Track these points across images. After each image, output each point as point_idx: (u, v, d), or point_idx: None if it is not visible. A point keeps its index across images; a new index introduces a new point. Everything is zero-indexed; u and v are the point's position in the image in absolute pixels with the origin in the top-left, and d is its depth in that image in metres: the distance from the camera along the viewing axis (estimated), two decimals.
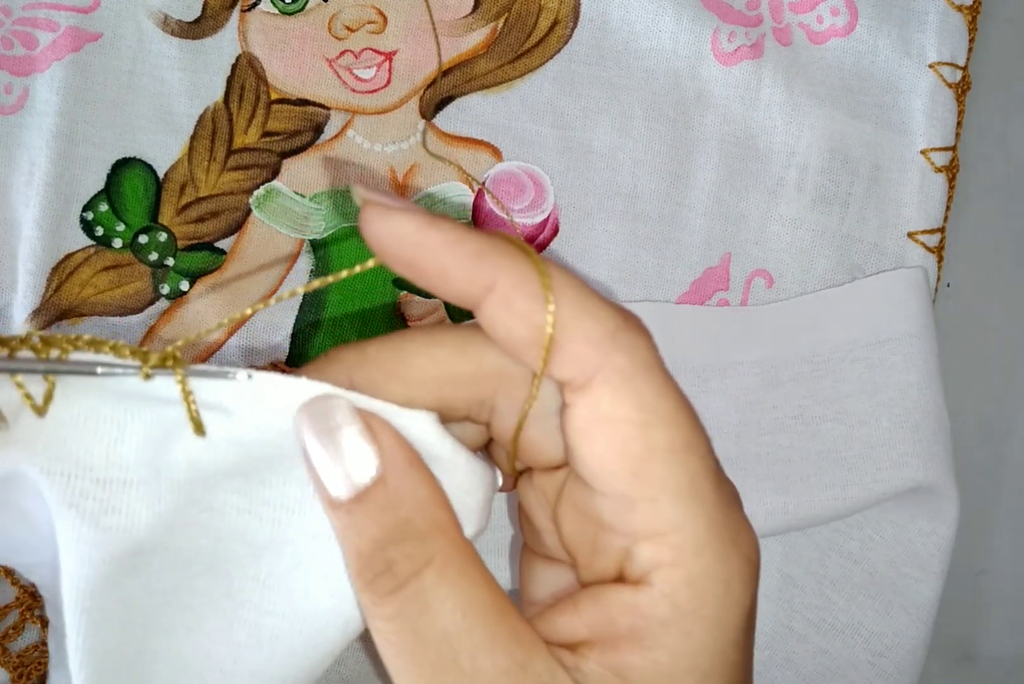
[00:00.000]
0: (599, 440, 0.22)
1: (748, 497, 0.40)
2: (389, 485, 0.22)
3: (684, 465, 0.22)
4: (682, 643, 0.21)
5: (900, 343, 0.42)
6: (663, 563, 0.22)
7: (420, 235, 0.22)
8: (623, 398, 0.21)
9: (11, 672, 0.40)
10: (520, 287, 0.22)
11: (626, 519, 0.22)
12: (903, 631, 0.42)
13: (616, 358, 0.22)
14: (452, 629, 0.21)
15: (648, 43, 0.44)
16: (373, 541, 0.22)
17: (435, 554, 0.22)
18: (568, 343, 0.22)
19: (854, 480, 0.40)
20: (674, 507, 0.21)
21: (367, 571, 0.22)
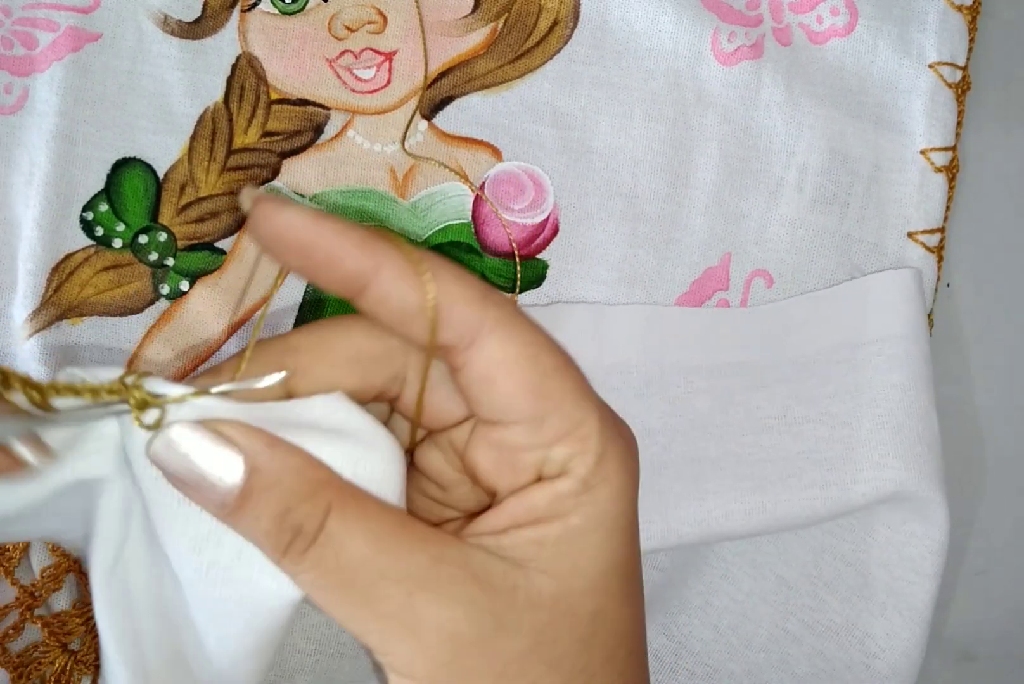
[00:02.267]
0: (501, 380, 0.26)
1: (727, 496, 0.40)
2: (262, 470, 0.25)
3: (570, 375, 0.26)
4: (590, 507, 0.26)
5: (885, 344, 0.42)
6: (574, 453, 0.26)
7: (313, 225, 0.25)
8: (509, 341, 0.26)
9: (11, 672, 0.40)
10: (403, 266, 0.25)
11: (540, 434, 0.26)
12: (897, 633, 0.42)
13: (492, 312, 0.26)
14: (368, 554, 0.25)
15: (648, 43, 0.44)
16: (272, 518, 0.25)
17: (330, 502, 0.25)
18: (452, 305, 0.25)
19: (833, 480, 0.40)
20: (574, 407, 0.26)
21: (280, 544, 0.25)
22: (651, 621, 0.43)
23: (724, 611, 0.43)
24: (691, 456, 0.41)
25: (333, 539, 0.25)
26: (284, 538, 0.25)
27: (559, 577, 0.26)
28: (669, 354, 0.42)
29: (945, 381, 0.46)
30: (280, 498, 0.25)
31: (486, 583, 0.25)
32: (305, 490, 0.25)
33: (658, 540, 0.40)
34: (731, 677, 0.43)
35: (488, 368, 0.26)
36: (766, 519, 0.40)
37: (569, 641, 0.26)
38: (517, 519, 0.26)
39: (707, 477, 0.41)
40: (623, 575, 0.27)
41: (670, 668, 0.43)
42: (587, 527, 0.26)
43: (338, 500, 0.25)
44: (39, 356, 0.40)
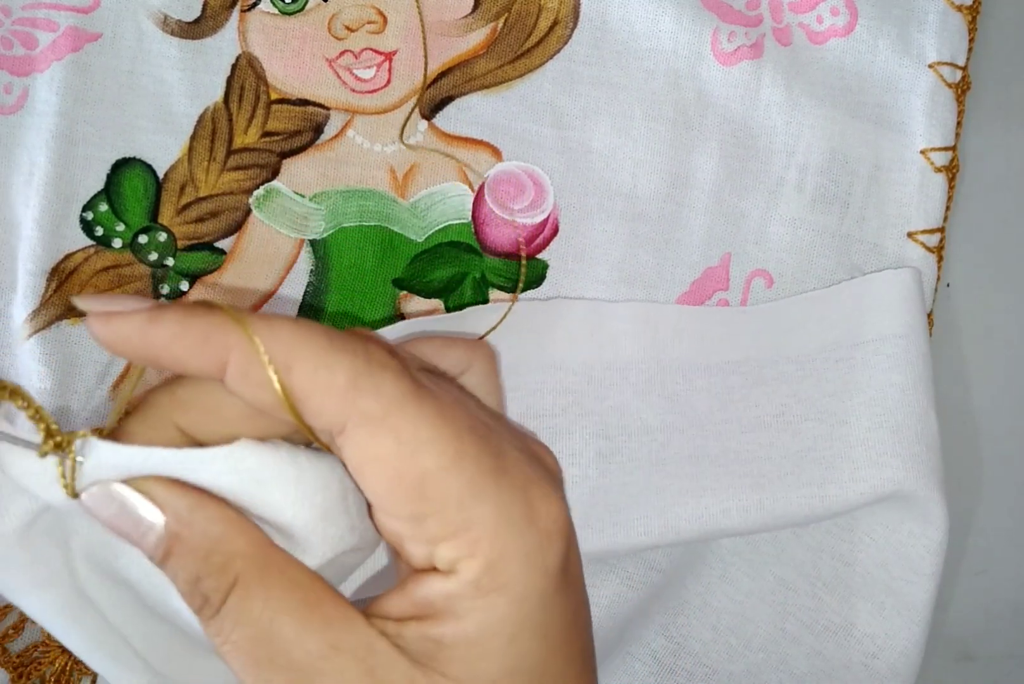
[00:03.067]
0: (372, 478, 0.24)
1: (725, 493, 0.40)
2: (181, 536, 0.25)
3: (458, 475, 0.24)
4: (486, 615, 0.24)
5: (884, 343, 0.42)
6: (462, 557, 0.24)
7: (143, 335, 0.24)
8: (380, 437, 0.23)
9: (11, 672, 0.40)
10: (252, 358, 0.23)
11: (420, 531, 0.24)
12: (896, 633, 0.42)
13: (362, 403, 0.23)
14: (263, 632, 0.24)
15: (648, 43, 0.44)
16: (186, 582, 0.25)
17: (236, 578, 0.25)
18: (309, 400, 0.23)
19: (831, 478, 0.40)
20: (459, 513, 0.24)
21: (192, 605, 0.25)
22: (650, 622, 0.43)
23: (723, 612, 0.43)
24: (689, 453, 0.41)
25: (232, 614, 0.25)
26: (195, 601, 0.25)
27: (458, 681, 0.25)
28: (668, 352, 0.42)
29: (945, 381, 0.46)
30: (192, 565, 0.25)
31: (381, 681, 0.24)
32: (215, 562, 0.25)
33: (656, 536, 0.40)
34: (730, 677, 0.43)
35: (357, 463, 0.24)
36: (764, 517, 0.40)
37: None
38: (417, 609, 0.25)
39: (705, 474, 0.41)
40: (532, 675, 0.25)
41: (669, 669, 0.43)
42: (482, 635, 0.24)
43: (245, 575, 0.25)
44: (39, 356, 0.40)
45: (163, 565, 0.25)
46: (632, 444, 0.41)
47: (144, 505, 0.25)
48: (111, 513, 0.25)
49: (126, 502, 0.25)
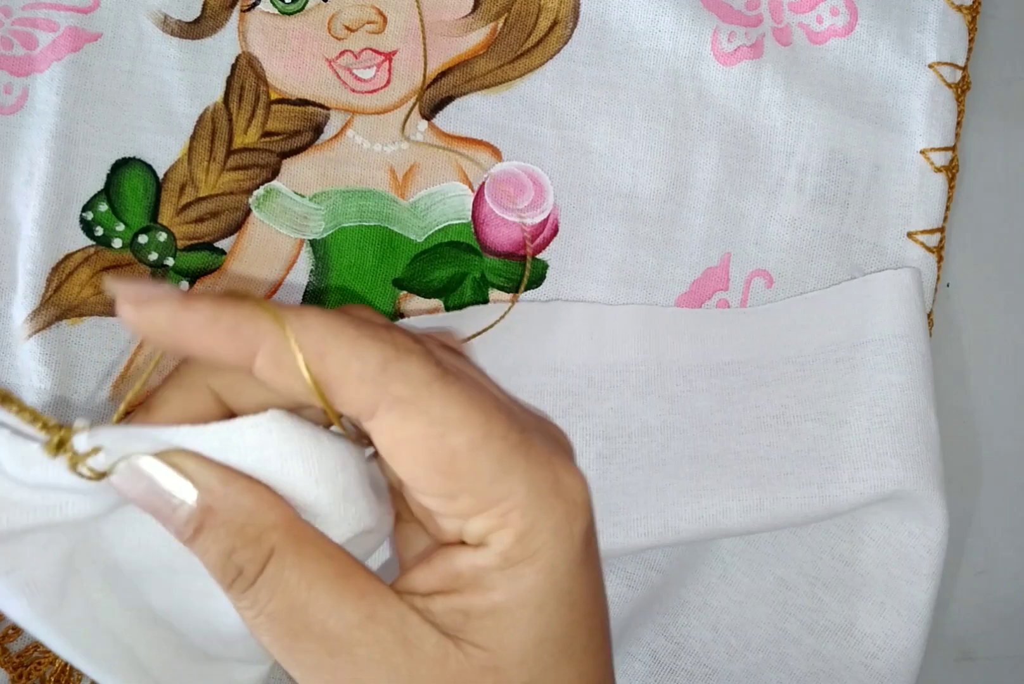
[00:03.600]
0: (404, 459, 0.24)
1: (724, 493, 0.40)
2: (215, 509, 0.25)
3: (488, 453, 0.24)
4: (514, 584, 0.25)
5: (884, 344, 0.42)
6: (494, 529, 0.25)
7: (176, 322, 0.24)
8: (411, 420, 0.24)
9: (11, 672, 0.40)
10: (283, 347, 0.24)
11: (452, 508, 0.25)
12: (896, 632, 0.42)
13: (393, 388, 0.24)
14: (300, 602, 0.25)
15: (648, 43, 0.44)
16: (219, 555, 0.25)
17: (272, 549, 0.25)
18: (341, 388, 0.24)
19: (831, 479, 0.40)
20: (490, 488, 0.25)
21: (225, 579, 0.25)
22: (650, 622, 0.43)
23: (723, 612, 0.43)
24: (690, 454, 0.41)
25: (268, 584, 0.25)
26: (229, 574, 0.25)
27: (488, 650, 0.25)
28: (668, 353, 0.42)
29: (945, 381, 0.46)
30: (226, 538, 0.25)
31: (416, 649, 0.25)
32: (251, 534, 0.25)
33: (656, 536, 0.40)
34: (730, 677, 0.43)
35: (389, 445, 0.24)
36: (764, 517, 0.40)
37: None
38: (444, 583, 0.26)
39: (705, 475, 0.41)
40: (561, 644, 0.26)
41: (669, 669, 0.43)
42: (512, 604, 0.25)
43: (281, 546, 0.25)
44: (39, 356, 0.40)
45: (193, 540, 0.25)
46: (632, 445, 0.41)
47: (175, 479, 0.25)
48: (141, 489, 0.25)
49: (156, 477, 0.25)
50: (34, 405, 0.40)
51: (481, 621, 0.25)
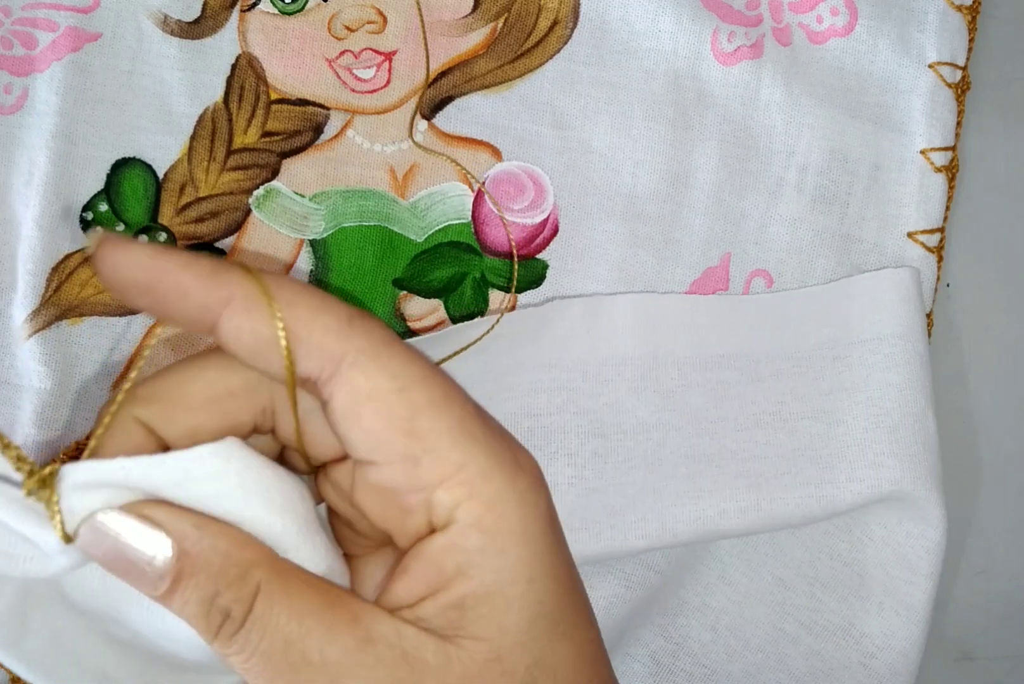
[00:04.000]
0: (366, 416, 0.24)
1: (721, 494, 0.40)
2: (190, 554, 0.24)
3: (448, 413, 0.24)
4: (499, 560, 0.24)
5: (882, 343, 0.42)
6: (460, 500, 0.24)
7: (156, 259, 0.24)
8: (374, 373, 0.24)
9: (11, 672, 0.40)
10: (254, 296, 0.24)
11: (416, 476, 0.24)
12: (894, 632, 0.42)
13: (356, 341, 0.24)
14: (294, 636, 0.24)
15: (648, 43, 0.44)
16: (201, 603, 0.24)
17: (258, 586, 0.24)
18: (309, 335, 0.24)
19: (828, 479, 0.40)
20: (452, 450, 0.24)
21: (210, 627, 0.24)
22: (648, 623, 0.43)
23: (721, 612, 0.43)
24: (686, 453, 0.41)
25: (259, 623, 0.24)
26: (214, 622, 0.24)
27: (488, 639, 0.25)
28: (663, 345, 0.42)
29: (945, 381, 0.46)
30: (207, 583, 0.24)
31: (417, 662, 0.24)
32: (233, 574, 0.24)
33: (654, 538, 0.40)
34: (729, 678, 0.43)
35: (351, 403, 0.24)
36: (761, 517, 0.40)
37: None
38: (430, 584, 0.25)
39: (702, 475, 0.41)
40: (552, 620, 0.26)
41: (668, 670, 0.43)
42: (503, 583, 0.25)
43: (266, 581, 0.25)
44: (39, 356, 0.40)
45: (171, 593, 0.24)
46: (628, 442, 0.41)
47: (145, 531, 0.24)
48: (107, 548, 0.24)
49: (122, 533, 0.24)
50: (34, 405, 0.40)
51: (477, 610, 0.25)
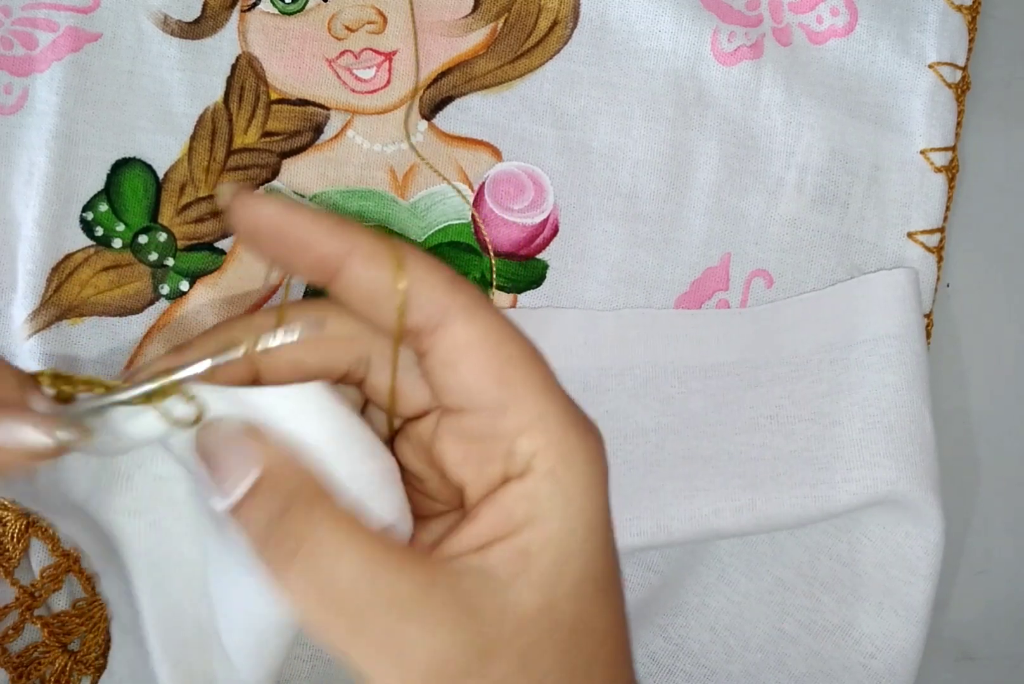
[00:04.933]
0: (464, 364, 0.26)
1: (718, 494, 0.40)
2: (272, 474, 0.26)
3: (535, 367, 0.27)
4: (567, 508, 0.26)
5: (878, 344, 0.42)
6: (539, 448, 0.26)
7: (286, 212, 0.26)
8: (474, 326, 0.26)
9: (11, 672, 0.40)
10: (375, 250, 0.26)
11: (502, 423, 0.26)
12: (893, 633, 0.42)
13: (459, 297, 0.26)
14: (357, 577, 0.25)
15: (648, 43, 0.44)
16: (268, 518, 0.25)
17: (323, 516, 0.25)
18: (421, 289, 0.26)
19: (824, 479, 0.40)
20: (538, 400, 0.26)
21: (269, 543, 0.25)
22: (648, 623, 0.43)
23: (721, 612, 0.43)
24: (684, 455, 0.41)
25: (323, 557, 0.25)
26: (275, 537, 0.25)
27: (545, 587, 0.26)
28: (663, 355, 0.42)
29: (945, 381, 0.46)
30: (281, 504, 0.25)
31: (475, 608, 0.25)
32: (303, 500, 0.25)
33: (649, 537, 0.40)
34: (728, 678, 0.43)
35: (452, 351, 0.26)
36: (756, 517, 0.40)
37: (553, 655, 0.26)
38: (497, 531, 0.26)
39: (698, 475, 0.41)
40: (600, 574, 0.27)
41: (667, 670, 0.43)
42: (568, 528, 0.26)
43: (329, 516, 0.25)
44: (39, 356, 0.40)
45: (242, 505, 0.25)
46: (627, 446, 0.41)
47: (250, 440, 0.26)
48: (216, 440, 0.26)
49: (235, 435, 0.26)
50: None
51: (541, 557, 0.26)
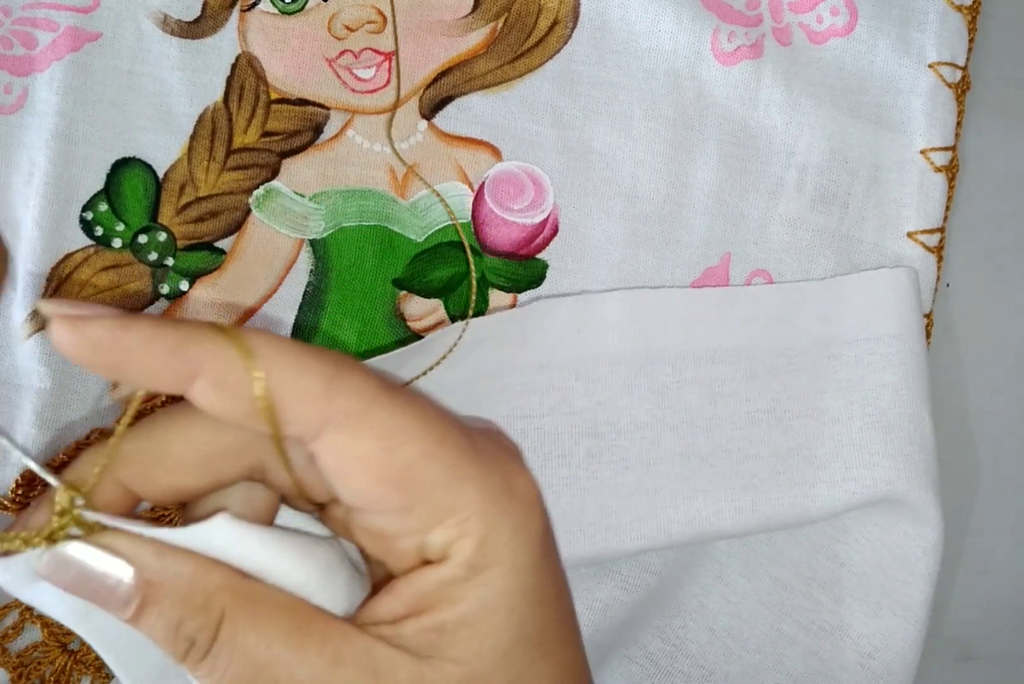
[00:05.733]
0: (356, 476, 0.24)
1: (717, 495, 0.40)
2: (154, 582, 0.24)
3: (440, 461, 0.24)
4: (482, 591, 0.25)
5: (878, 343, 0.42)
6: (453, 539, 0.25)
7: (113, 339, 0.23)
8: (360, 435, 0.24)
9: (11, 672, 0.40)
10: (226, 366, 0.23)
11: (409, 523, 0.25)
12: (892, 633, 0.42)
13: (339, 403, 0.24)
14: (262, 661, 0.24)
15: (648, 43, 0.44)
16: (167, 630, 0.24)
17: (222, 613, 0.24)
18: (289, 404, 0.23)
19: (823, 478, 0.40)
20: (446, 497, 0.24)
21: (177, 652, 0.25)
22: (646, 624, 0.43)
23: (719, 613, 0.43)
24: (681, 452, 0.41)
25: (225, 649, 0.24)
26: (180, 647, 0.25)
27: (465, 662, 0.25)
28: (656, 341, 0.42)
29: (944, 381, 0.46)
30: (171, 610, 0.24)
31: (390, 681, 0.25)
32: (197, 601, 0.24)
33: (649, 540, 0.40)
34: (727, 679, 0.43)
35: (340, 463, 0.24)
36: (756, 518, 0.40)
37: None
38: (411, 606, 0.25)
39: (697, 476, 0.41)
40: (533, 641, 0.26)
41: (665, 671, 0.43)
42: (483, 610, 0.25)
43: (231, 607, 0.24)
44: (39, 356, 0.40)
45: (138, 619, 0.25)
46: (622, 442, 0.41)
47: (107, 559, 0.24)
48: (71, 577, 0.24)
49: (86, 562, 0.24)
50: (34, 405, 0.40)
51: (455, 634, 0.25)
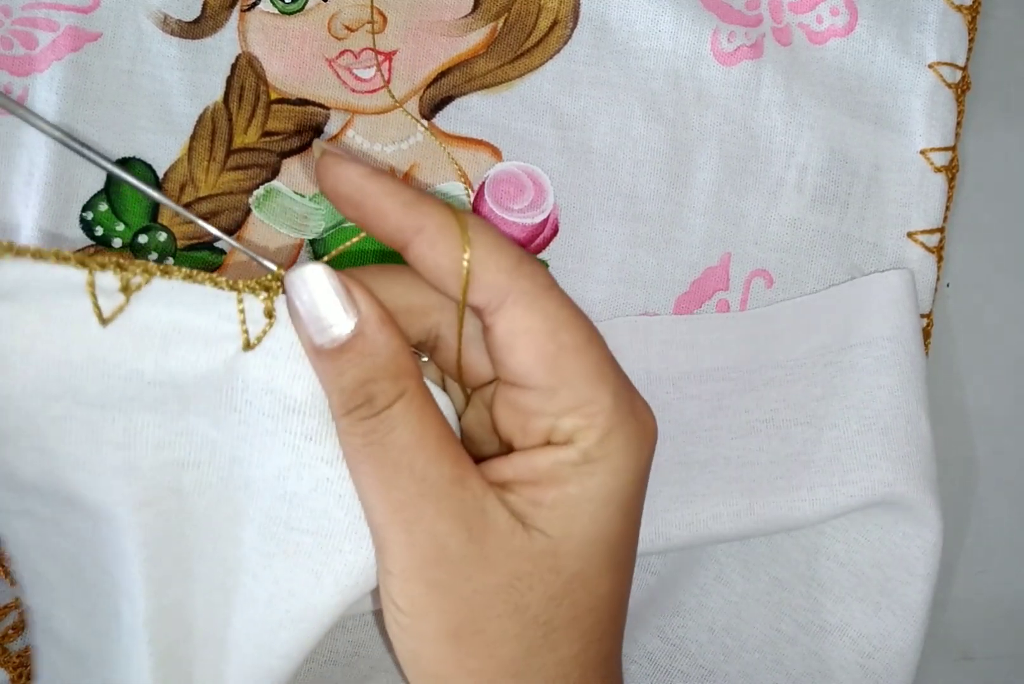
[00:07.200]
0: (519, 348, 0.28)
1: (715, 499, 0.40)
2: (367, 337, 0.27)
3: (588, 356, 0.28)
4: (588, 479, 0.28)
5: (872, 346, 0.42)
6: (580, 428, 0.28)
7: (363, 182, 0.28)
8: (532, 313, 0.27)
9: (11, 672, 0.40)
10: (443, 230, 0.27)
11: (550, 404, 0.28)
12: (891, 633, 0.42)
13: (521, 282, 0.27)
14: (410, 443, 0.27)
15: (648, 43, 0.44)
16: (355, 380, 0.27)
17: (405, 390, 0.27)
18: (483, 273, 0.27)
19: (821, 482, 0.40)
20: (586, 387, 0.28)
21: (350, 403, 0.27)
22: (645, 624, 0.43)
23: (718, 612, 0.43)
24: (680, 460, 0.41)
25: (391, 420, 0.27)
26: (355, 401, 0.27)
27: (551, 537, 0.28)
28: (658, 362, 0.43)
29: (943, 381, 0.46)
30: (369, 367, 0.27)
31: (489, 519, 0.27)
32: (392, 370, 0.27)
33: (647, 543, 0.40)
34: (726, 678, 0.43)
35: (509, 334, 0.27)
36: (755, 521, 0.40)
37: (541, 593, 0.28)
38: (520, 475, 0.28)
39: (695, 481, 0.41)
40: (611, 546, 0.29)
41: (665, 670, 0.43)
42: (582, 497, 0.28)
43: (411, 391, 0.27)
44: None
45: (337, 357, 0.27)
46: None
47: (343, 298, 0.27)
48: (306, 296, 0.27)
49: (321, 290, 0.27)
50: None
51: (551, 511, 0.28)
